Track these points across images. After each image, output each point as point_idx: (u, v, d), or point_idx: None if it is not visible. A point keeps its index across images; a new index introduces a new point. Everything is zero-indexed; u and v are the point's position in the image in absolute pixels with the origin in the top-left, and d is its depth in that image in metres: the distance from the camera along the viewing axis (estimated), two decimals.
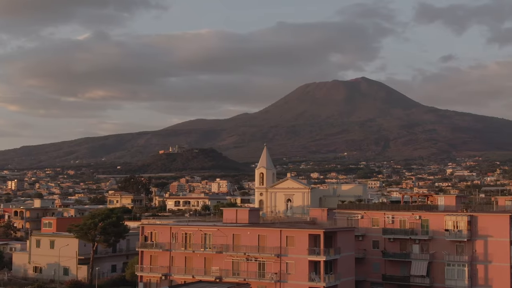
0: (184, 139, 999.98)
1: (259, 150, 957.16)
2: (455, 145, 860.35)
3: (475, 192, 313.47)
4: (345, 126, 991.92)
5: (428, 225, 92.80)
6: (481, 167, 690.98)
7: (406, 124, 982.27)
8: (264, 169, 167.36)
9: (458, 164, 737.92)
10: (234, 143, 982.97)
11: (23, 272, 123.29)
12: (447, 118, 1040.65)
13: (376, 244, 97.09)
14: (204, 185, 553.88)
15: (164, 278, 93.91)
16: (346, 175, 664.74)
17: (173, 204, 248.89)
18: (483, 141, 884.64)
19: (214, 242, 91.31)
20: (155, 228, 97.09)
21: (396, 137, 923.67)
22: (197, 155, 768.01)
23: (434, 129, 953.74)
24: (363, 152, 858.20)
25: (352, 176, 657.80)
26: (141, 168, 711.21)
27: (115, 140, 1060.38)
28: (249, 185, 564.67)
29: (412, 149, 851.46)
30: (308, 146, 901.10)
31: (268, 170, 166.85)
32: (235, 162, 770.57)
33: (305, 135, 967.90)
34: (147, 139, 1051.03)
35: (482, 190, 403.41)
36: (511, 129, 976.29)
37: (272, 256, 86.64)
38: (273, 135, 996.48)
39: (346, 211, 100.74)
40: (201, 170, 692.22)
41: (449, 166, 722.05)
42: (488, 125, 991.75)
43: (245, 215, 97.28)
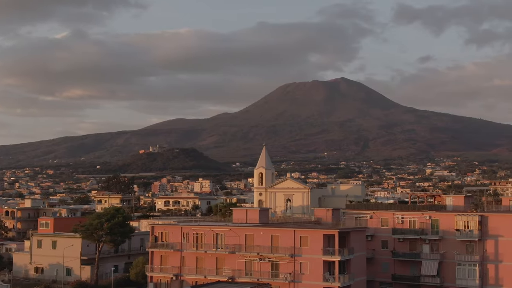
0: (164, 138, 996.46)
1: (240, 150, 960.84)
2: (433, 145, 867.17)
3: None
4: (325, 126, 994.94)
5: (438, 225, 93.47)
6: (460, 167, 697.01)
7: (385, 124, 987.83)
8: (263, 169, 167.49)
9: (437, 164, 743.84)
10: (214, 143, 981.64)
11: (24, 273, 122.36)
12: (426, 118, 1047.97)
13: (385, 244, 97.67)
14: (186, 185, 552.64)
15: (175, 278, 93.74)
16: (327, 175, 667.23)
17: (163, 204, 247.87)
18: (461, 141, 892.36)
19: (226, 242, 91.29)
20: (166, 228, 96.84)
21: (375, 137, 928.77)
22: (178, 154, 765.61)
23: (412, 130, 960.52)
24: (343, 152, 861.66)
25: (333, 176, 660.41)
26: (121, 167, 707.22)
27: (94, 139, 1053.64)
28: (231, 185, 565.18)
29: (391, 149, 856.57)
30: (288, 146, 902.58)
31: (267, 170, 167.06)
32: (216, 162, 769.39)
33: (285, 135, 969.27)
34: (126, 139, 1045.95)
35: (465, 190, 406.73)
36: (489, 130, 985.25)
37: (286, 256, 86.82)
38: (253, 135, 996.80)
39: (354, 211, 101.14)
40: (182, 170, 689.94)
41: (428, 166, 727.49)
42: (466, 126, 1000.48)
43: (255, 215, 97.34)
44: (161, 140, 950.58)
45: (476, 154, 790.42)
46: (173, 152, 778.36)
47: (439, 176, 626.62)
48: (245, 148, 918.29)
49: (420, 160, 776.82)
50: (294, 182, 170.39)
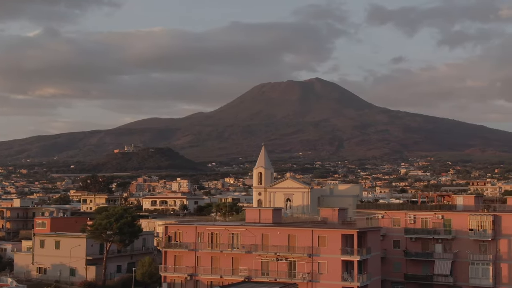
0: (138, 138, 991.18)
1: (215, 149, 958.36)
2: (407, 146, 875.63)
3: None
4: (300, 126, 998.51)
5: (451, 224, 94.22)
6: (433, 167, 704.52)
7: (359, 124, 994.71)
8: (262, 168, 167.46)
9: (411, 164, 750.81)
10: (189, 142, 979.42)
11: (26, 273, 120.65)
12: (399, 119, 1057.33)
13: (397, 244, 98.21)
14: (163, 185, 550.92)
15: (190, 278, 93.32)
16: (303, 175, 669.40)
17: (150, 204, 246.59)
18: (434, 141, 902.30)
19: (242, 242, 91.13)
20: (180, 228, 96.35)
21: (350, 137, 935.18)
22: (153, 154, 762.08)
23: (386, 130, 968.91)
24: (318, 152, 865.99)
25: (309, 175, 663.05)
26: (96, 167, 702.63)
27: (67, 138, 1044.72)
28: (209, 184, 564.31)
29: (365, 149, 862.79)
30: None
31: (266, 170, 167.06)
32: (191, 161, 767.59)
33: (260, 135, 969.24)
34: (100, 138, 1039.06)
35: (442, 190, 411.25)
36: (462, 130, 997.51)
37: (304, 256, 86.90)
38: (228, 135, 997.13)
39: (366, 211, 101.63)
40: (158, 170, 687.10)
41: (402, 166, 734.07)
42: (439, 126, 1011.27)
43: (269, 215, 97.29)
44: (136, 140, 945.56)
45: (449, 154, 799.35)
46: (148, 152, 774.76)
47: (414, 176, 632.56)
48: (221, 147, 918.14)
49: (394, 160, 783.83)
50: (294, 182, 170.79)
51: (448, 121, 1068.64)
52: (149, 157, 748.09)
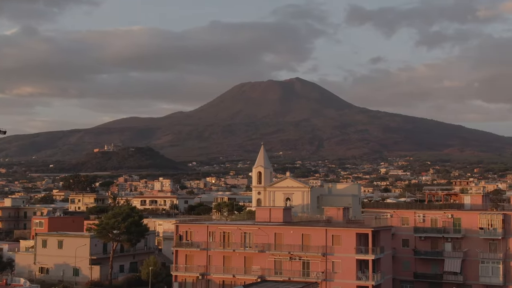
0: (117, 137, 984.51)
1: (195, 149, 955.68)
2: (386, 145, 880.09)
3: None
4: (280, 126, 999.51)
5: (460, 223, 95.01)
6: (413, 166, 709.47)
7: (339, 124, 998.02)
8: (262, 168, 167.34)
9: (390, 163, 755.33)
10: (169, 141, 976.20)
11: (27, 273, 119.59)
12: (378, 119, 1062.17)
13: (406, 243, 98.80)
14: (144, 184, 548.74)
15: (201, 278, 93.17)
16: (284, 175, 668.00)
17: (139, 203, 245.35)
18: (413, 141, 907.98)
19: (255, 241, 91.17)
20: (191, 227, 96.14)
21: (330, 137, 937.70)
22: (134, 153, 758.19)
23: (366, 130, 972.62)
24: (298, 151, 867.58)
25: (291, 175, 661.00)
26: (76, 166, 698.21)
27: (46, 138, 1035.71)
28: (191, 184, 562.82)
29: (345, 148, 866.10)
30: (244, 145, 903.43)
31: (266, 169, 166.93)
32: (172, 161, 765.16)
33: (241, 134, 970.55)
34: (79, 137, 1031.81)
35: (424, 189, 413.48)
36: (440, 130, 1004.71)
37: (318, 255, 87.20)
38: (209, 134, 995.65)
39: (374, 210, 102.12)
40: (138, 169, 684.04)
41: (382, 165, 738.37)
42: (418, 126, 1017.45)
43: (279, 214, 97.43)
44: (115, 139, 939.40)
45: (428, 154, 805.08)
46: (129, 151, 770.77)
47: (395, 176, 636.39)
48: (201, 147, 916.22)
49: (373, 160, 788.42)
50: (294, 181, 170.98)
51: (427, 121, 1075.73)
52: (129, 157, 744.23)
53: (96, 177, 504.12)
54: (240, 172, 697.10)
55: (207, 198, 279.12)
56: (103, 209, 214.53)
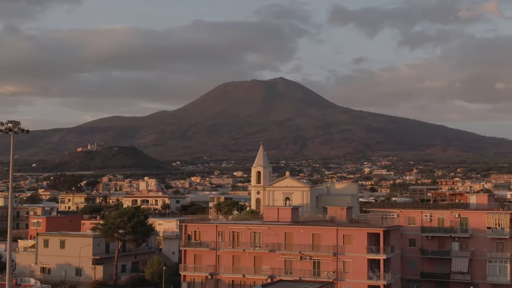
0: (100, 136, 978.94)
1: (179, 148, 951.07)
2: (369, 145, 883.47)
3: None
4: (264, 126, 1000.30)
5: (468, 223, 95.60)
6: (396, 166, 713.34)
7: (323, 124, 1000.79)
8: (261, 167, 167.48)
9: (374, 163, 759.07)
10: (153, 141, 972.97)
11: (29, 273, 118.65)
12: (361, 118, 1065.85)
13: (413, 242, 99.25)
14: (129, 184, 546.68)
15: (210, 277, 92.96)
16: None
17: (130, 203, 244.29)
18: (396, 141, 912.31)
19: (264, 240, 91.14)
20: (199, 227, 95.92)
21: (313, 137, 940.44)
22: (117, 153, 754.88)
23: (349, 129, 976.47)
24: (282, 151, 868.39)
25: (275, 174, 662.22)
26: (59, 166, 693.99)
27: (28, 137, 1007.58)
28: (176, 184, 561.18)
29: (328, 148, 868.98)
30: (228, 145, 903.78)
31: (265, 169, 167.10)
32: (156, 160, 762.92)
33: (224, 134, 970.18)
34: (61, 136, 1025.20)
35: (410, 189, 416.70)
36: (423, 130, 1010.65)
37: (329, 255, 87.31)
38: (192, 133, 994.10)
39: (381, 210, 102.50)
40: (122, 169, 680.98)
41: (365, 165, 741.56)
42: (400, 126, 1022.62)
43: (287, 214, 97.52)
44: (98, 138, 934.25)
45: (411, 154, 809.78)
46: (112, 150, 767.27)
47: (378, 175, 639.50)
48: (184, 146, 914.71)
49: (357, 160, 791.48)
50: (294, 181, 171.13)
51: (409, 121, 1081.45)
52: (113, 156, 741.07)
53: (83, 177, 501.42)
54: (225, 172, 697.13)
55: (199, 197, 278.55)
56: (96, 209, 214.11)
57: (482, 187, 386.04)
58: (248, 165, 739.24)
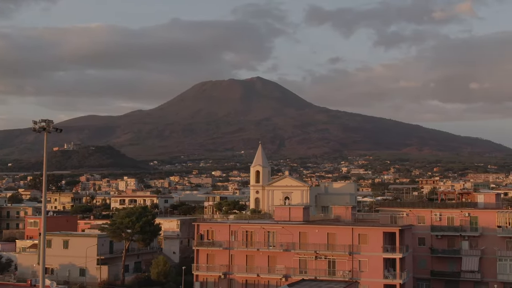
0: (76, 136, 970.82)
1: (156, 147, 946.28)
2: (346, 145, 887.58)
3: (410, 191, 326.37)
4: (241, 125, 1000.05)
5: (477, 221, 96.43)
6: (373, 165, 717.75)
7: (300, 124, 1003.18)
8: (260, 167, 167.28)
9: (351, 162, 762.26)
10: (129, 140, 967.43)
11: (31, 274, 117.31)
12: (338, 118, 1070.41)
13: (422, 241, 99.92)
14: (107, 183, 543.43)
15: (224, 277, 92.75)
16: (247, 174, 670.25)
17: (118, 203, 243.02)
18: (372, 140, 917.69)
19: (278, 240, 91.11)
20: (212, 226, 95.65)
21: (291, 136, 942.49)
22: (94, 152, 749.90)
23: (326, 129, 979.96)
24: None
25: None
26: (35, 165, 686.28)
27: (2, 136, 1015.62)
28: (155, 183, 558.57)
29: (306, 148, 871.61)
30: (205, 144, 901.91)
31: (264, 168, 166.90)
32: (133, 160, 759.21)
33: (202, 133, 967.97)
34: (37, 136, 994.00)
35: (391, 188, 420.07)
36: (399, 130, 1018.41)
37: (344, 254, 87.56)
38: (169, 133, 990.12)
39: (390, 209, 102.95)
40: (99, 168, 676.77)
41: (342, 164, 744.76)
42: (377, 126, 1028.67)
43: (299, 213, 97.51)
44: (74, 137, 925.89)
45: (388, 153, 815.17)
46: (89, 150, 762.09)
47: (357, 174, 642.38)
48: (162, 146, 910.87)
49: (334, 159, 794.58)
50: (293, 180, 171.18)
51: (385, 121, 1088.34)
52: (90, 155, 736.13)
53: (63, 176, 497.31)
54: (203, 171, 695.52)
55: (187, 197, 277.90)
56: (88, 209, 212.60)
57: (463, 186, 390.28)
58: (226, 164, 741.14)
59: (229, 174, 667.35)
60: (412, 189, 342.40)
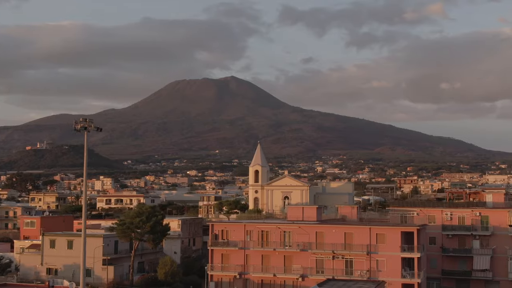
0: (48, 134, 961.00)
1: (129, 147, 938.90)
2: (320, 144, 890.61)
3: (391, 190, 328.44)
4: (216, 124, 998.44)
5: (488, 221, 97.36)
6: (347, 165, 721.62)
7: (274, 123, 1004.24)
8: (259, 166, 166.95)
9: (325, 162, 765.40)
10: (102, 139, 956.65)
11: (34, 275, 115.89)
12: (312, 118, 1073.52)
13: (433, 240, 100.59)
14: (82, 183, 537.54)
15: (239, 277, 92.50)
16: (223, 173, 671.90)
17: (104, 203, 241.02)
18: (346, 140, 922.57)
19: (294, 239, 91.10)
20: (227, 226, 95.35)
21: (265, 136, 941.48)
22: (67, 151, 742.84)
23: (300, 129, 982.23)
24: (234, 150, 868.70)
25: (230, 173, 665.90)
26: (7, 164, 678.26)
27: None
28: (131, 183, 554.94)
29: (280, 147, 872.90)
30: (180, 143, 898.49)
31: (263, 168, 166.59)
32: (106, 159, 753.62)
33: (176, 132, 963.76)
34: (8, 135, 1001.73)
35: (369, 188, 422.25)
36: (371, 129, 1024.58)
37: (362, 254, 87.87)
38: (143, 132, 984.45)
39: (401, 208, 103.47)
40: (73, 167, 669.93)
41: (317, 164, 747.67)
42: (350, 126, 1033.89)
43: (312, 213, 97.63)
44: (45, 136, 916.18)
45: (361, 153, 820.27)
46: (62, 149, 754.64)
47: (332, 174, 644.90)
48: (135, 145, 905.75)
49: (308, 158, 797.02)
50: (293, 180, 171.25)
51: (358, 121, 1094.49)
52: (63, 155, 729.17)
53: (40, 176, 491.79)
54: (178, 171, 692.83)
55: (173, 197, 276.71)
56: (77, 209, 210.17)
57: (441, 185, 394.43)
58: (201, 164, 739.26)
59: (204, 173, 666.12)
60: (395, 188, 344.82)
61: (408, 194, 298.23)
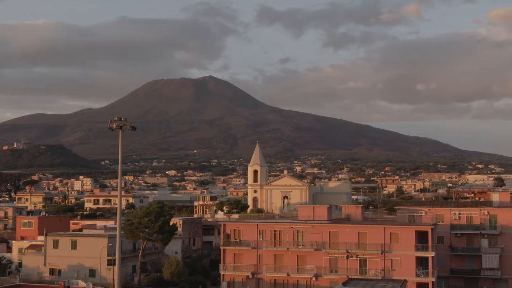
0: (24, 134, 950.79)
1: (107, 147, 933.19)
2: (298, 144, 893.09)
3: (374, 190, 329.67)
4: (194, 124, 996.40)
5: (496, 220, 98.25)
6: (326, 165, 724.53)
7: (252, 123, 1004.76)
8: (258, 166, 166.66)
9: (303, 162, 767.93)
10: (79, 139, 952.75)
11: (37, 275, 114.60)
12: (290, 118, 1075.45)
13: (441, 240, 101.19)
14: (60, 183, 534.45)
15: (252, 277, 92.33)
16: (203, 173, 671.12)
17: (92, 203, 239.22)
18: (324, 140, 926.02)
19: (308, 239, 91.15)
20: (239, 226, 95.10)
21: (244, 136, 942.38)
22: (45, 151, 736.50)
23: (278, 129, 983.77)
24: (213, 149, 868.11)
25: (209, 173, 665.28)
26: None
27: None
28: (110, 183, 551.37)
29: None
30: (157, 143, 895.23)
31: (262, 168, 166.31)
32: (84, 159, 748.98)
33: (154, 132, 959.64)
34: None
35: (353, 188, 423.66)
36: (349, 130, 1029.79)
37: (377, 253, 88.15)
38: None
39: (408, 208, 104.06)
40: (50, 167, 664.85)
41: (295, 163, 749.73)
42: (328, 126, 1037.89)
43: (324, 213, 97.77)
44: (22, 136, 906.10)
45: (339, 153, 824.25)
46: (40, 149, 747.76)
47: (311, 174, 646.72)
48: (113, 145, 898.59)
49: (287, 158, 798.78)
50: (292, 179, 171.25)
51: (335, 121, 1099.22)
52: (40, 154, 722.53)
53: (21, 176, 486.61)
54: (157, 171, 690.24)
55: (161, 197, 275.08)
56: (69, 209, 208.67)
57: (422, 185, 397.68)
58: (179, 164, 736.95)
59: (184, 173, 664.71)
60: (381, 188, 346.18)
61: (394, 193, 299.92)
